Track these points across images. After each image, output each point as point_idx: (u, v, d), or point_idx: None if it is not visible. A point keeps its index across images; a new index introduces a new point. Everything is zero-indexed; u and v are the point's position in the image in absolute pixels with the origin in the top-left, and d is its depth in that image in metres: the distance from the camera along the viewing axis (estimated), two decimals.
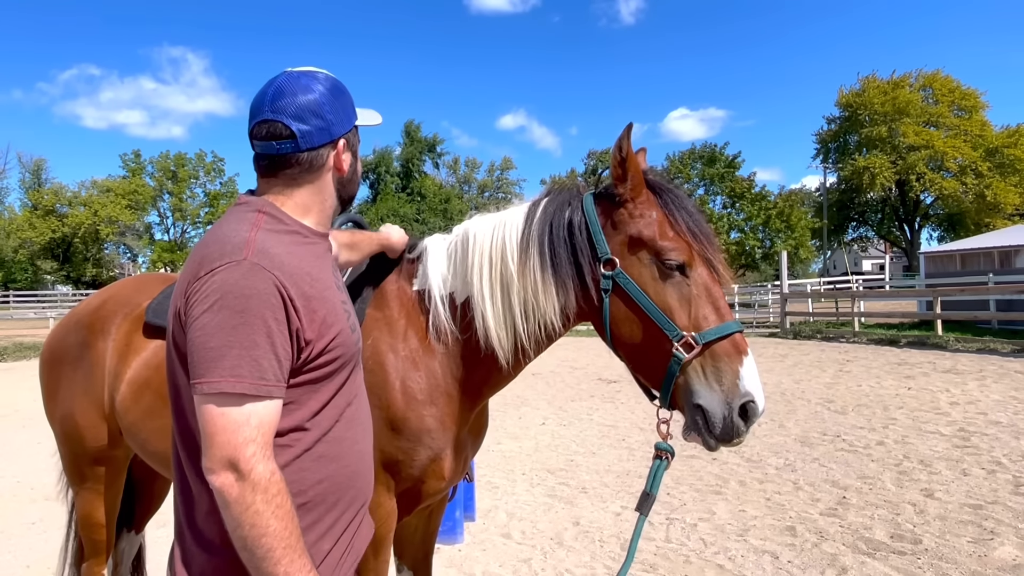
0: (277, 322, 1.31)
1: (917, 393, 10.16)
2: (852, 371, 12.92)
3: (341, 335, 1.47)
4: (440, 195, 60.61)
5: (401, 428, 2.10)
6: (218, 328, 1.27)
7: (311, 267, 1.45)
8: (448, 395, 2.17)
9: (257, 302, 1.29)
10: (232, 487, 1.24)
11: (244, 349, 1.27)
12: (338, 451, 1.48)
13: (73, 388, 2.79)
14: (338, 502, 1.49)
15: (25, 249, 54.85)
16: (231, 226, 1.42)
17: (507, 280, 2.08)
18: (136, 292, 2.86)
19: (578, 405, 10.31)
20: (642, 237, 1.96)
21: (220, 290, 1.29)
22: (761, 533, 4.81)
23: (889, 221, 54.81)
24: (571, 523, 5.19)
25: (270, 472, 1.27)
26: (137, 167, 61.37)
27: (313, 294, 1.40)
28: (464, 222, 2.30)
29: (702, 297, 1.92)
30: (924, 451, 6.82)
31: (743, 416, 1.84)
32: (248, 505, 1.24)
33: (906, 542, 4.50)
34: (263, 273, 1.31)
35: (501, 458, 7.26)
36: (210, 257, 1.34)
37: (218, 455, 1.25)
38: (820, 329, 21.01)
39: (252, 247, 1.35)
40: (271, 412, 1.30)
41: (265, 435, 1.29)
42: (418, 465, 2.14)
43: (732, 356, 1.86)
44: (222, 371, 1.25)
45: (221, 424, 1.25)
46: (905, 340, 17.14)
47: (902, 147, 47.19)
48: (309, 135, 1.48)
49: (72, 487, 2.94)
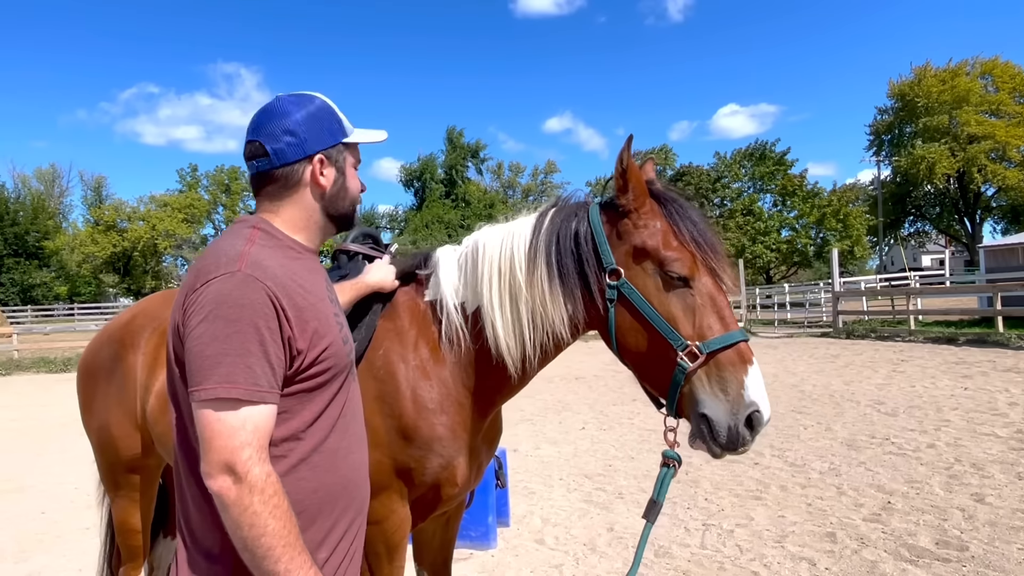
0: (270, 331, 1.36)
1: (974, 393, 9.78)
2: (906, 371, 12.51)
3: (332, 346, 1.51)
4: (484, 200, 60.90)
5: (412, 436, 2.14)
6: (213, 337, 1.32)
7: (303, 280, 1.50)
8: (459, 403, 2.20)
9: (250, 311, 1.34)
10: (230, 490, 1.29)
11: (238, 356, 1.32)
12: (332, 461, 1.52)
13: (107, 400, 2.91)
14: (333, 510, 1.52)
15: (88, 263, 57.17)
16: (227, 241, 1.49)
17: (516, 290, 2.11)
18: (164, 306, 2.97)
19: (619, 409, 10.23)
20: (646, 247, 1.97)
21: (215, 300, 1.34)
22: (800, 539, 4.70)
23: (948, 215, 52.86)
24: (605, 529, 5.16)
25: (266, 474, 1.32)
26: (193, 181, 63.47)
27: (305, 305, 1.45)
28: (474, 233, 2.33)
29: (706, 307, 1.92)
30: (977, 454, 6.56)
31: (748, 426, 1.84)
32: (246, 507, 1.28)
33: (952, 549, 4.34)
34: (256, 284, 1.37)
35: (539, 463, 7.27)
36: (206, 270, 1.40)
37: (215, 459, 1.30)
38: (874, 328, 20.40)
39: (246, 259, 1.40)
40: (265, 417, 1.35)
41: (260, 439, 1.33)
42: (430, 472, 2.18)
43: (737, 365, 1.86)
44: (218, 378, 1.31)
45: (217, 429, 1.30)
46: (964, 338, 16.50)
47: (962, 137, 45.49)
48: (281, 152, 1.55)
49: (108, 495, 3.07)
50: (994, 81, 47.03)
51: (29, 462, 8.42)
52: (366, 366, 2.18)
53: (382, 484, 2.14)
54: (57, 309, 48.74)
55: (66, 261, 57.73)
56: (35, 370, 20.85)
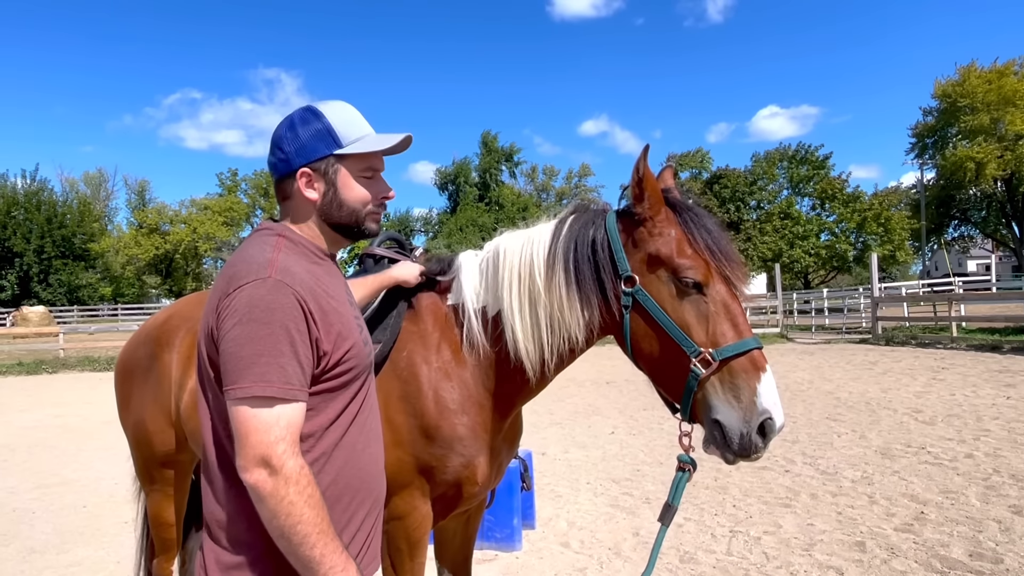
0: (299, 332, 1.44)
1: (1016, 403, 9.51)
2: (946, 379, 12.21)
3: (355, 347, 1.58)
4: (518, 204, 61.03)
5: (434, 436, 2.21)
6: (248, 339, 1.40)
7: (327, 284, 1.59)
8: (480, 405, 2.26)
9: (281, 314, 1.42)
10: (266, 482, 1.36)
11: (271, 357, 1.39)
12: (351, 454, 1.60)
13: (143, 397, 3.03)
14: (352, 501, 1.59)
15: (132, 265, 58.74)
16: (255, 248, 1.57)
17: (535, 295, 2.16)
18: (197, 307, 3.07)
19: (649, 414, 10.18)
20: (660, 255, 2.01)
21: (248, 304, 1.42)
22: (828, 548, 4.64)
23: (995, 218, 51.41)
24: (631, 533, 5.16)
25: (300, 467, 1.39)
26: (233, 185, 64.79)
27: (329, 309, 1.53)
28: (495, 238, 2.39)
29: (720, 314, 1.95)
30: (1017, 465, 6.39)
31: (760, 433, 1.86)
32: (283, 497, 1.36)
33: (986, 561, 4.25)
34: (286, 289, 1.45)
35: (567, 467, 7.28)
36: (238, 276, 1.48)
37: (252, 454, 1.37)
38: (915, 335, 19.95)
39: (276, 266, 1.49)
40: (297, 414, 1.43)
41: (293, 434, 1.41)
42: (451, 471, 2.24)
43: (750, 372, 1.89)
44: (253, 377, 1.38)
45: (254, 425, 1.38)
46: (1009, 346, 16.07)
47: (1009, 136, 44.25)
48: (275, 166, 1.65)
49: (143, 489, 3.18)
50: None
51: (72, 457, 8.70)
52: (390, 367, 2.25)
53: (404, 481, 2.21)
54: (102, 310, 50.23)
55: (111, 263, 59.38)
56: (80, 368, 21.49)
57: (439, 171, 65.12)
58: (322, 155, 1.63)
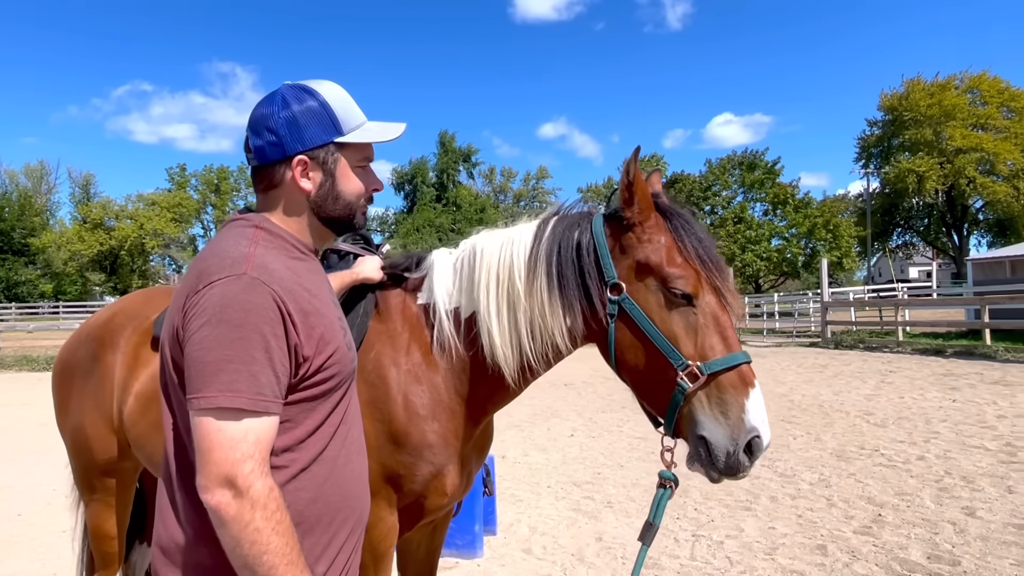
0: (276, 337, 1.29)
1: (962, 405, 9.78)
2: (894, 382, 12.52)
3: (338, 352, 1.44)
4: (476, 205, 60.93)
5: (403, 442, 2.09)
6: (216, 342, 1.25)
7: (309, 282, 1.44)
8: (451, 410, 2.15)
9: (256, 316, 1.27)
10: (229, 505, 1.21)
11: (242, 364, 1.25)
12: (331, 470, 1.45)
13: (83, 401, 2.82)
14: (332, 522, 1.45)
15: (74, 261, 56.67)
16: (229, 241, 1.41)
17: (514, 299, 2.05)
18: (145, 305, 2.88)
19: (608, 417, 10.17)
20: (649, 263, 1.92)
21: (219, 304, 1.27)
22: (790, 552, 4.64)
23: (936, 227, 53.30)
24: (594, 539, 5.09)
25: (268, 488, 1.25)
26: (182, 180, 63.09)
27: (311, 309, 1.38)
28: (471, 237, 2.27)
29: (709, 326, 1.87)
30: (967, 467, 6.54)
31: (747, 451, 1.79)
32: (248, 523, 1.21)
33: (944, 563, 4.29)
34: (262, 287, 1.30)
35: (527, 471, 7.19)
36: (208, 271, 1.33)
37: (214, 472, 1.23)
38: (863, 339, 20.46)
39: (251, 261, 1.33)
40: (268, 428, 1.28)
41: (263, 451, 1.27)
42: (420, 480, 2.12)
43: (738, 388, 1.82)
44: (219, 385, 1.24)
45: (218, 440, 1.23)
46: (952, 350, 16.56)
47: (949, 150, 45.92)
48: (261, 150, 1.46)
49: (83, 498, 2.97)
50: (982, 95, 47.47)
51: (7, 462, 8.26)
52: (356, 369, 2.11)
53: (370, 490, 2.07)
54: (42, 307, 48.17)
55: (52, 259, 57.21)
56: (17, 368, 20.57)
57: (396, 171, 64.56)
58: (322, 142, 1.47)
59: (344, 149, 1.51)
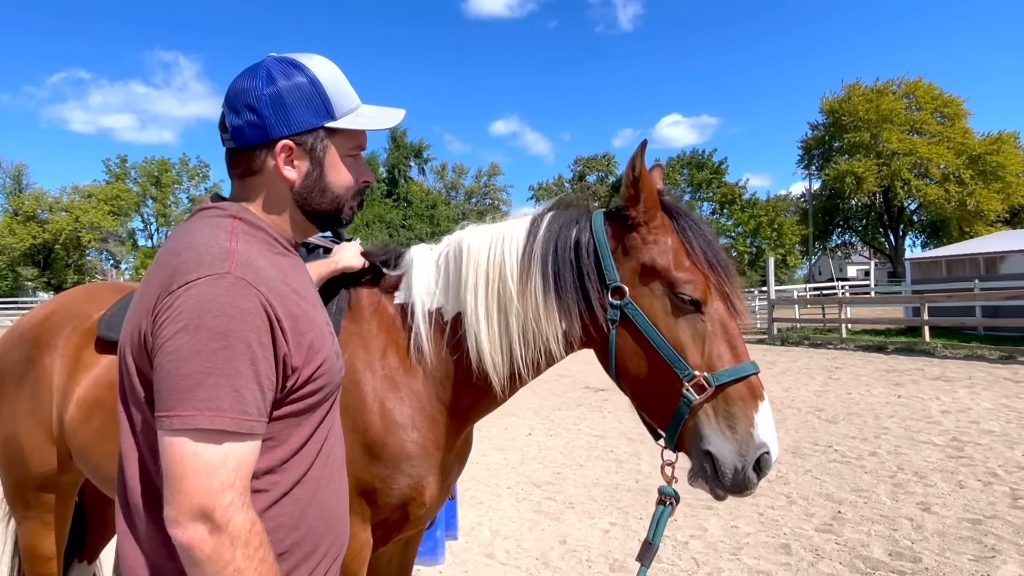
0: (262, 347, 1.13)
1: (908, 401, 10.05)
2: (841, 378, 12.81)
3: (328, 361, 1.28)
4: (427, 201, 60.41)
5: (379, 453, 1.93)
6: (194, 352, 1.08)
7: (296, 282, 1.27)
8: (432, 419, 1.99)
9: (241, 323, 1.11)
10: (204, 543, 1.05)
11: (224, 377, 1.09)
12: (314, 492, 1.29)
13: (17, 408, 2.57)
14: (315, 550, 1.29)
15: (5, 255, 53.95)
16: (205, 233, 1.23)
17: (505, 301, 1.91)
18: (87, 303, 2.64)
19: (565, 415, 10.12)
20: (655, 266, 1.80)
21: (198, 307, 1.10)
22: (755, 551, 4.63)
23: (874, 227, 55.19)
24: (558, 541, 4.99)
25: (250, 522, 1.09)
26: (121, 172, 60.72)
27: (300, 314, 1.22)
28: (456, 232, 2.12)
29: (717, 334, 1.77)
30: (918, 462, 6.68)
31: (755, 468, 1.69)
32: (227, 563, 1.06)
33: (905, 560, 4.34)
34: (248, 290, 1.14)
35: (486, 471, 7.06)
36: (185, 268, 1.15)
37: (187, 504, 1.06)
38: (807, 336, 20.94)
39: (235, 259, 1.17)
40: (251, 452, 1.12)
41: (244, 479, 1.11)
42: (397, 494, 1.97)
43: (747, 401, 1.72)
44: (197, 403, 1.07)
45: (193, 467, 1.07)
46: (893, 347, 17.07)
47: (886, 153, 47.56)
48: (240, 131, 1.28)
49: (15, 516, 2.71)
50: (917, 100, 49.30)
51: None
52: None
53: None
54: None
55: None
56: None
57: None
58: (312, 126, 1.30)
59: (335, 135, 1.34)
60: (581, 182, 63.59)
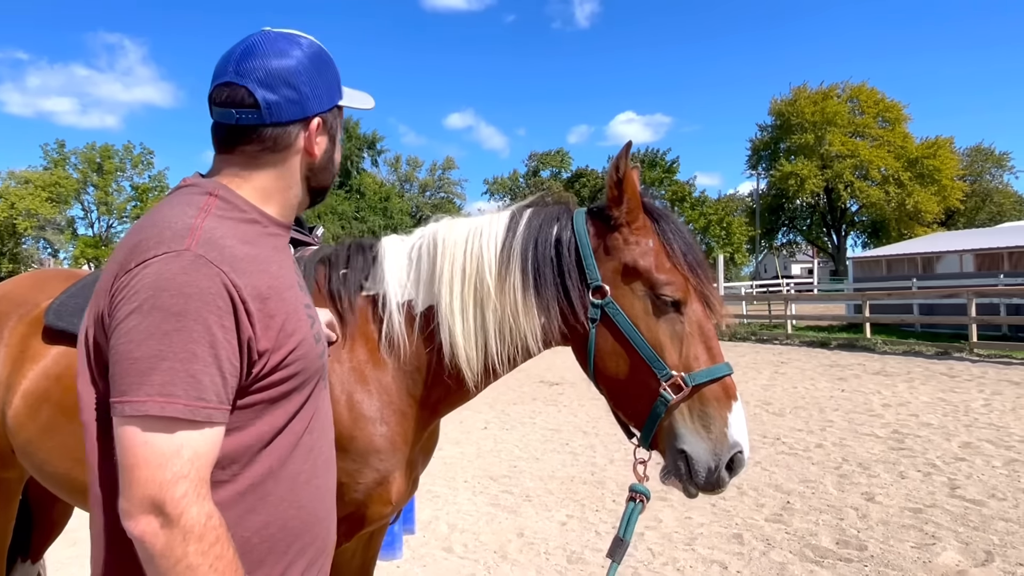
0: (224, 329, 1.08)
1: (851, 395, 10.39)
2: (787, 373, 13.17)
3: (303, 346, 1.23)
4: (380, 193, 59.72)
5: (347, 447, 1.88)
6: (148, 334, 1.04)
7: (270, 262, 1.22)
8: (401, 413, 1.96)
9: (199, 303, 1.06)
10: (156, 536, 1.01)
11: (179, 362, 1.04)
12: (290, 489, 1.24)
13: None
14: (287, 550, 1.24)
15: None
16: (174, 209, 1.18)
17: (483, 295, 1.89)
18: (34, 290, 2.52)
19: (520, 408, 10.15)
20: (637, 267, 1.82)
21: (153, 286, 1.06)
22: (709, 542, 4.72)
23: (817, 227, 56.83)
24: (515, 534, 5.01)
25: (206, 516, 1.04)
26: (60, 158, 58.28)
27: (271, 295, 1.17)
28: (430, 224, 2.09)
29: (695, 335, 1.80)
30: (862, 454, 6.92)
31: (729, 467, 1.73)
32: (179, 559, 1.01)
33: (852, 548, 4.48)
34: (209, 268, 1.08)
35: (442, 464, 7.03)
36: (144, 245, 1.10)
37: (139, 495, 1.02)
38: (754, 331, 21.46)
39: (197, 235, 1.11)
40: (209, 442, 1.07)
41: (200, 470, 1.06)
42: (363, 488, 1.93)
43: (722, 401, 1.76)
44: (149, 388, 1.02)
45: (144, 456, 1.02)
46: (835, 342, 17.65)
47: (829, 155, 48.97)
48: (277, 107, 1.25)
49: None
50: (861, 105, 50.90)
51: None
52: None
53: None
54: None
55: None
56: None
57: None
58: (334, 104, 1.34)
59: (339, 113, 1.40)
60: (535, 177, 63.77)
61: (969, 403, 9.37)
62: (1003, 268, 19.16)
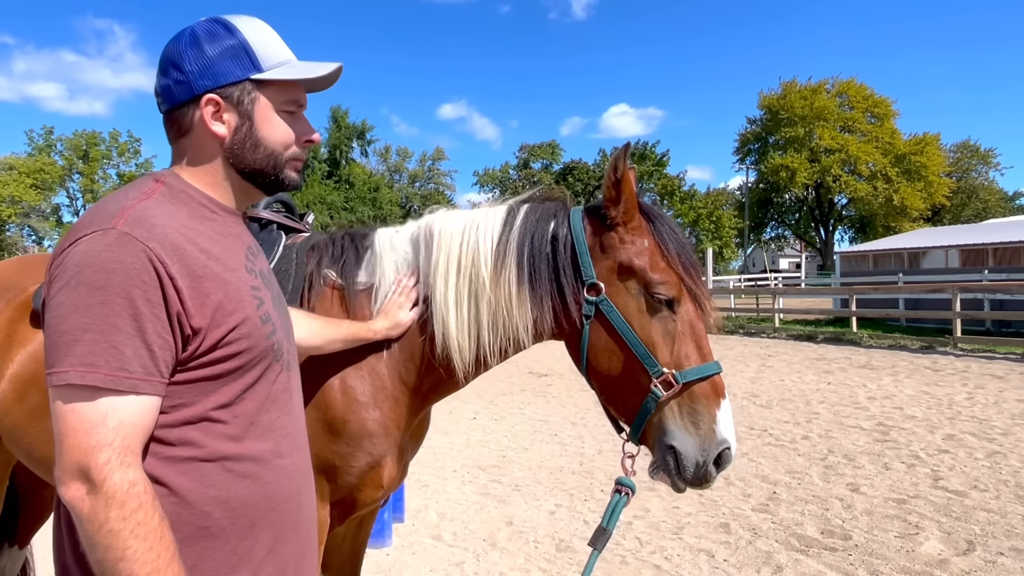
0: (149, 303, 1.11)
1: (837, 388, 10.48)
2: (774, 366, 13.28)
3: (245, 325, 1.24)
4: (370, 183, 59.50)
5: (340, 431, 1.92)
6: (73, 308, 1.08)
7: (209, 243, 1.24)
8: (394, 399, 1.99)
9: (122, 277, 1.09)
10: (83, 501, 1.05)
11: (101, 333, 1.08)
12: (254, 467, 1.26)
13: None
14: (253, 526, 1.25)
15: None
16: (117, 194, 1.23)
17: (477, 288, 1.92)
18: (20, 275, 2.50)
19: (509, 399, 10.18)
20: (632, 266, 1.84)
21: (79, 263, 1.10)
22: (696, 531, 4.76)
23: (805, 221, 57.16)
24: (504, 523, 5.03)
25: (128, 483, 1.07)
26: (46, 145, 57.62)
27: (205, 274, 1.19)
28: (425, 216, 2.11)
29: (686, 334, 1.83)
30: (847, 445, 6.99)
31: (716, 463, 1.77)
32: (101, 523, 1.05)
33: (836, 538, 4.54)
34: (134, 244, 1.11)
35: (431, 455, 7.04)
36: (77, 227, 1.16)
37: (68, 461, 1.07)
38: (742, 324, 21.61)
39: (127, 215, 1.15)
40: (137, 411, 1.10)
41: (126, 438, 1.09)
42: (356, 472, 1.96)
43: (710, 398, 1.79)
44: (72, 359, 1.07)
45: (71, 424, 1.07)
46: (822, 336, 17.78)
47: (818, 150, 49.22)
48: (168, 91, 1.29)
49: None
50: (849, 100, 51.13)
51: None
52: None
53: None
54: None
55: None
56: None
57: None
58: (237, 78, 1.29)
59: (264, 88, 1.33)
60: (526, 169, 63.70)
61: (952, 396, 9.49)
62: (987, 264, 19.36)
